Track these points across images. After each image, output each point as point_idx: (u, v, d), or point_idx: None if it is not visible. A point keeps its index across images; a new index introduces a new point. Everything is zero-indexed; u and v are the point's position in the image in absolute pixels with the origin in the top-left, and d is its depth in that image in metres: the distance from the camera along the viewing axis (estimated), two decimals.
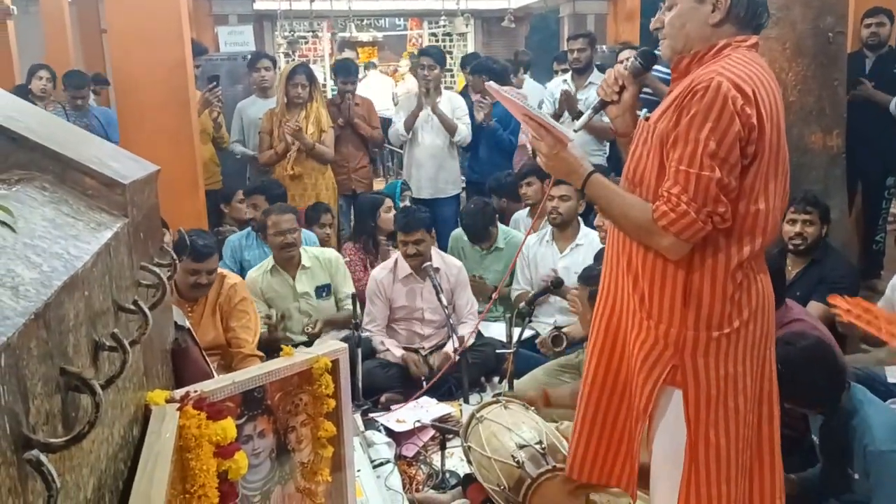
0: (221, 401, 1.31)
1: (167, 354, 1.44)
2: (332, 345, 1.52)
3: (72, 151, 1.22)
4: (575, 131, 1.88)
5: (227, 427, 1.22)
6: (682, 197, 1.51)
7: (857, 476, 2.11)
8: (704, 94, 1.49)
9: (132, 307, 1.03)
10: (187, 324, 1.57)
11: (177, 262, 1.35)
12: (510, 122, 5.00)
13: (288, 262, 3.67)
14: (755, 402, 1.69)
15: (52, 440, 0.72)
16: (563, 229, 3.85)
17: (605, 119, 2.00)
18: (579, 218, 3.89)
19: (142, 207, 1.31)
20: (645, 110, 1.79)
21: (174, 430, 1.14)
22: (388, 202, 4.26)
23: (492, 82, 1.80)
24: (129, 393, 1.15)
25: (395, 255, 3.74)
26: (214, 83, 4.66)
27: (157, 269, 1.13)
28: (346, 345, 1.53)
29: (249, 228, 4.12)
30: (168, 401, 1.22)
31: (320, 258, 3.76)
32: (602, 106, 1.84)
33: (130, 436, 1.13)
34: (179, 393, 1.25)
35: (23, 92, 5.29)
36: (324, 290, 3.72)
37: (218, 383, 1.33)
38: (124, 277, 1.14)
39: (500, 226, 4.24)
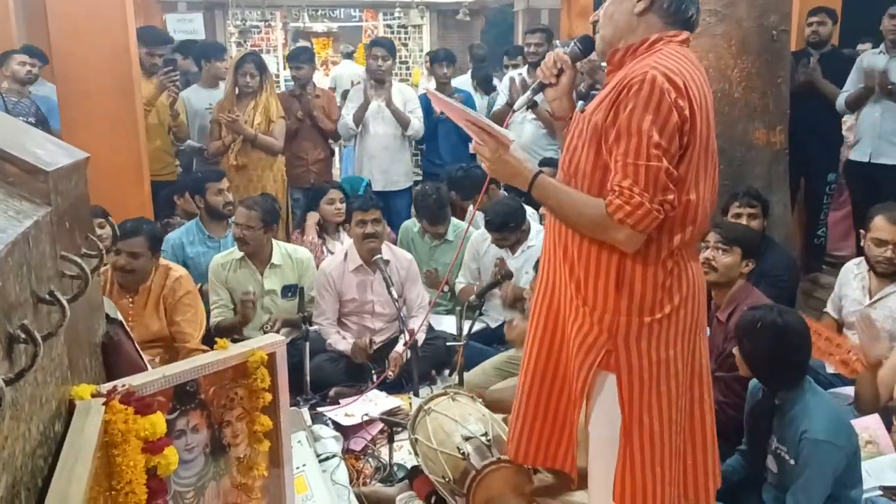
0: (152, 395, 1.27)
1: (96, 348, 1.40)
2: (268, 338, 1.50)
3: None
4: (514, 110, 1.94)
5: (157, 422, 1.18)
6: (635, 189, 1.53)
7: (792, 462, 2.16)
8: (641, 88, 1.53)
9: (50, 298, 0.99)
10: (119, 316, 1.52)
11: (103, 251, 1.30)
12: None
13: (253, 256, 3.58)
14: (686, 385, 1.74)
15: None
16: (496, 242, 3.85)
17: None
18: (530, 221, 3.89)
19: (67, 196, 1.26)
20: (581, 102, 1.81)
21: (99, 426, 1.10)
22: (334, 194, 4.19)
23: (433, 90, 1.78)
24: (51, 387, 1.11)
25: (346, 246, 3.71)
26: (171, 67, 4.55)
27: (78, 260, 1.09)
28: (283, 338, 1.51)
29: (195, 221, 3.98)
30: (94, 395, 1.18)
31: (293, 257, 3.68)
32: (541, 88, 1.87)
33: (52, 431, 1.09)
34: (107, 387, 1.21)
35: None
36: (290, 291, 3.63)
37: (147, 377, 1.29)
38: (45, 268, 1.10)
39: (452, 219, 4.24)
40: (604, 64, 1.92)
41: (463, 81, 6.23)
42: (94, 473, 1.03)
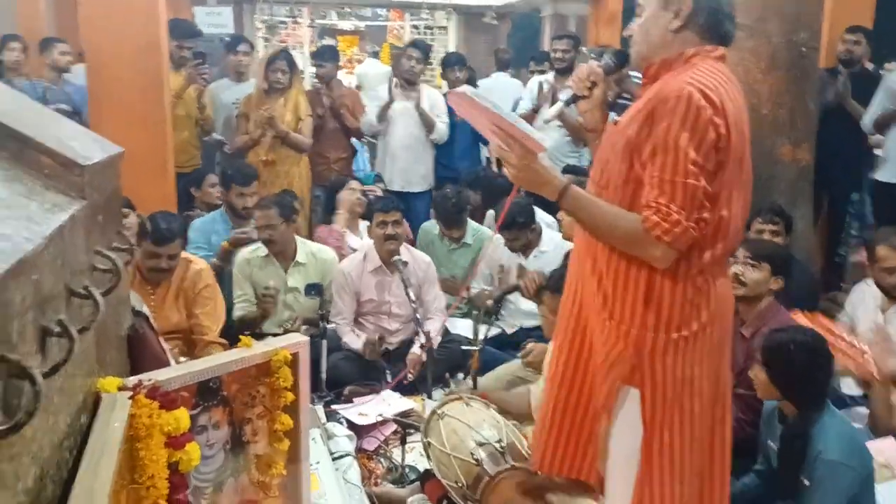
0: (176, 390, 1.28)
1: (122, 341, 1.42)
2: (292, 337, 1.51)
3: (31, 129, 1.18)
4: (546, 121, 1.92)
5: (181, 417, 1.20)
6: (672, 206, 1.52)
7: (807, 483, 2.14)
8: (677, 104, 1.51)
9: (84, 292, 1.01)
10: (145, 310, 1.54)
11: (134, 246, 1.32)
12: None
13: (279, 254, 3.61)
14: (710, 404, 1.73)
15: None
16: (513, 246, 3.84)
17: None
18: (541, 224, 3.89)
19: (102, 190, 1.28)
20: (613, 114, 1.81)
21: (124, 419, 1.12)
22: (354, 183, 4.23)
23: (456, 90, 1.68)
24: (79, 380, 1.12)
25: (365, 246, 3.72)
26: (200, 60, 4.59)
27: (111, 255, 1.10)
28: (307, 338, 1.52)
29: (220, 211, 4.03)
30: (120, 389, 1.20)
31: (317, 256, 3.70)
32: (573, 100, 1.85)
33: (78, 424, 1.10)
34: (133, 381, 1.23)
35: None
36: (313, 289, 3.64)
37: (172, 372, 1.31)
38: (79, 262, 1.11)
39: (470, 222, 4.24)
40: (633, 73, 1.91)
41: (485, 86, 6.24)
42: (118, 467, 1.04)
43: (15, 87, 4.28)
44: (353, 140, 5.21)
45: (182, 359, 2.84)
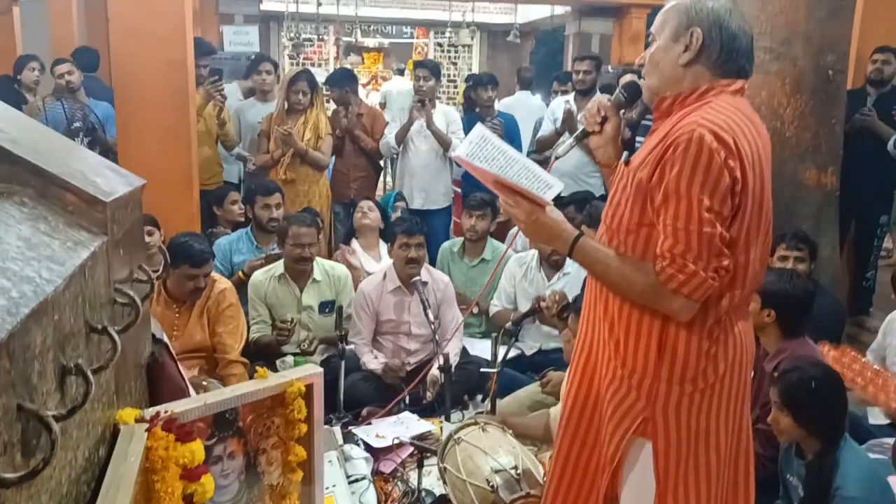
0: (192, 422, 1.30)
1: (141, 370, 1.44)
2: (306, 368, 1.52)
3: (55, 165, 1.21)
4: (556, 157, 1.86)
5: (196, 450, 1.21)
6: (688, 256, 1.46)
7: None
8: (688, 148, 1.44)
9: (102, 329, 1.03)
10: (164, 336, 1.56)
11: (155, 277, 1.34)
12: (514, 138, 5.07)
13: (299, 273, 3.64)
14: (731, 458, 1.65)
15: (6, 475, 0.71)
16: (549, 261, 3.85)
17: None
18: None
19: (123, 223, 1.30)
20: (626, 153, 1.76)
21: (141, 452, 1.13)
22: (364, 204, 4.31)
23: (460, 154, 1.63)
24: (98, 413, 1.14)
25: (385, 266, 3.74)
26: (217, 77, 4.66)
27: (131, 293, 1.12)
28: (321, 369, 1.53)
29: (246, 230, 4.08)
30: (138, 420, 1.21)
31: (330, 274, 3.73)
32: (584, 135, 1.80)
33: (96, 457, 1.12)
34: (150, 412, 1.25)
35: (10, 83, 5.26)
36: (327, 307, 3.67)
37: (189, 404, 1.32)
38: (99, 296, 1.14)
39: (490, 239, 4.25)
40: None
41: (507, 104, 6.25)
42: (134, 500, 1.05)
43: (46, 108, 4.39)
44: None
45: (204, 380, 2.88)
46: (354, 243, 4.31)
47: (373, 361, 3.50)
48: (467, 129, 5.17)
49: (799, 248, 3.25)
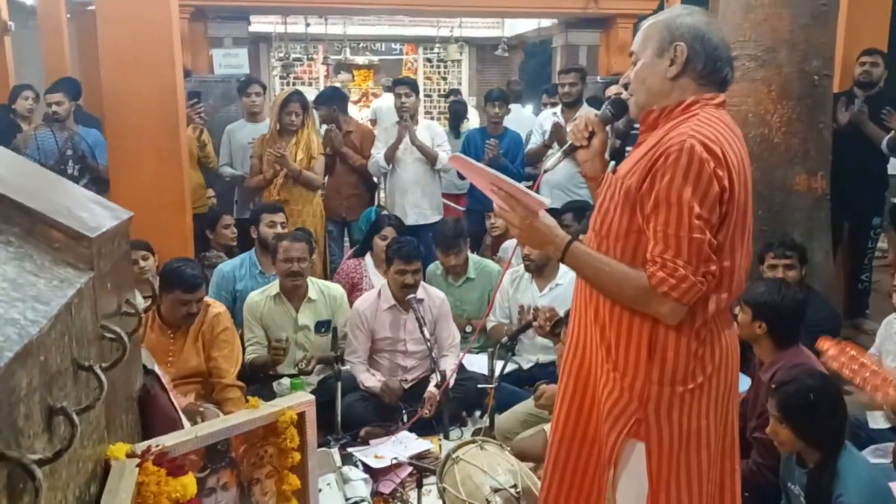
0: (184, 455, 1.29)
1: (133, 403, 1.43)
2: (298, 396, 1.51)
3: (41, 202, 1.22)
4: (546, 171, 1.90)
5: (188, 483, 1.21)
6: (678, 261, 1.51)
7: None
8: (679, 157, 1.50)
9: (90, 367, 1.03)
10: (155, 367, 1.56)
11: (142, 313, 1.34)
12: (517, 155, 5.09)
13: (293, 291, 3.62)
14: (718, 456, 1.70)
15: None
16: (539, 273, 3.86)
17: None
18: None
19: (110, 258, 1.30)
20: (613, 163, 1.80)
21: (132, 488, 1.13)
22: (388, 231, 4.20)
23: (459, 154, 1.70)
24: (89, 449, 1.14)
25: (379, 285, 3.74)
26: (195, 100, 4.68)
27: (118, 330, 1.12)
28: (312, 397, 1.53)
29: (249, 254, 4.06)
30: (129, 455, 1.21)
31: (326, 293, 3.72)
32: (572, 150, 1.84)
33: (87, 495, 1.11)
34: (141, 447, 1.24)
35: (5, 112, 5.29)
36: (323, 326, 3.66)
37: (180, 437, 1.32)
38: (86, 333, 1.13)
39: (471, 255, 4.25)
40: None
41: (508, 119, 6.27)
42: None
43: (37, 136, 4.39)
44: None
45: (201, 405, 2.86)
46: (368, 258, 4.29)
47: (370, 380, 3.49)
48: (465, 143, 5.23)
49: (787, 256, 3.25)
